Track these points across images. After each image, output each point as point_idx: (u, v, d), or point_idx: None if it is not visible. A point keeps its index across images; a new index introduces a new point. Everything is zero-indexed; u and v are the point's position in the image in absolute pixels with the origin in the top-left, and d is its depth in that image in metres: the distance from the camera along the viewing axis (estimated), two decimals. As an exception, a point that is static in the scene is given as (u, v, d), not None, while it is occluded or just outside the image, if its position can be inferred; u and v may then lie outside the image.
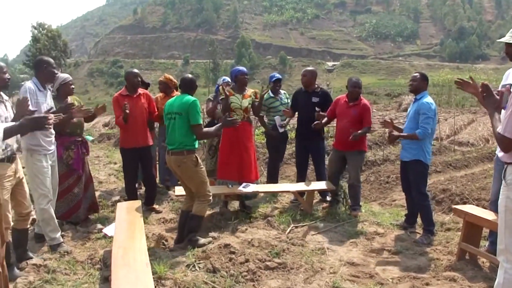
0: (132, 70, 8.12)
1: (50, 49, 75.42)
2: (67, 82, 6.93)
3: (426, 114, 6.60)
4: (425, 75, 7.07)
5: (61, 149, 6.91)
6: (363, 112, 7.83)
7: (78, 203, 7.26)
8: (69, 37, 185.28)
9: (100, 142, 21.67)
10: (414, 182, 6.90)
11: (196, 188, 6.38)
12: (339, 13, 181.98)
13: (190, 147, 6.22)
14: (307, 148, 8.69)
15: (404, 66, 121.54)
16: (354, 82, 7.98)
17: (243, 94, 7.86)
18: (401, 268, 5.72)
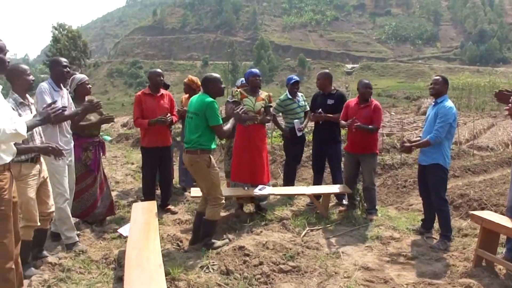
0: (156, 70, 8.18)
1: (70, 50, 76.08)
2: (83, 82, 7.00)
3: (444, 118, 6.49)
4: (446, 79, 6.97)
5: (79, 150, 6.97)
6: (374, 113, 7.86)
7: (95, 203, 7.30)
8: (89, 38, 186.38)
9: (118, 142, 21.76)
10: (433, 187, 6.80)
11: (207, 189, 6.37)
12: (358, 15, 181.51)
13: (204, 147, 6.19)
14: (323, 151, 8.66)
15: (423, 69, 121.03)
16: (365, 83, 8.02)
17: (256, 96, 7.86)
18: (416, 274, 5.64)
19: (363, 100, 7.93)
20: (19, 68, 5.28)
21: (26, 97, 5.27)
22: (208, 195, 6.39)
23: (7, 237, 4.12)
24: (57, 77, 6.25)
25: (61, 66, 6.24)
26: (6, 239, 4.12)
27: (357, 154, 7.98)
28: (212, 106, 6.12)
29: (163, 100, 8.06)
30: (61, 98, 6.23)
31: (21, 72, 5.25)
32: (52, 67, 6.30)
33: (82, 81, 7.01)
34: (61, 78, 6.30)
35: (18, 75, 5.21)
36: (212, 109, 6.11)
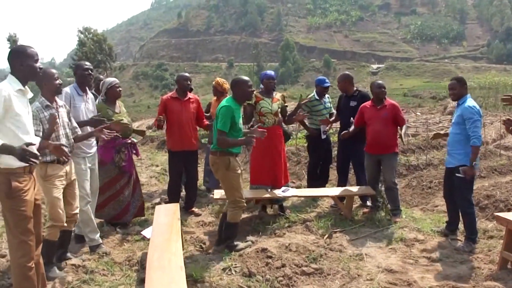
0: (184, 74, 8.27)
1: (96, 53, 76.88)
2: (113, 85, 7.09)
3: (471, 120, 6.39)
4: (462, 80, 6.88)
5: (112, 151, 7.05)
6: (395, 112, 7.82)
7: (127, 206, 7.39)
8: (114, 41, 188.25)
9: (143, 145, 21.87)
10: (459, 188, 6.68)
11: (226, 192, 6.40)
12: (383, 15, 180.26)
13: (223, 149, 6.20)
14: (348, 152, 8.61)
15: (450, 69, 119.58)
16: (379, 84, 8.02)
17: (272, 98, 7.85)
18: (440, 277, 5.56)
19: (379, 101, 7.88)
20: (47, 72, 5.36)
21: (54, 100, 5.35)
22: (227, 197, 6.42)
23: (28, 236, 4.24)
24: (80, 81, 6.34)
25: (83, 70, 6.32)
26: (27, 238, 4.23)
27: (377, 155, 7.93)
28: (224, 110, 6.11)
29: (190, 105, 8.09)
30: (85, 103, 6.32)
31: (49, 76, 5.35)
32: (76, 72, 6.41)
33: (112, 84, 7.11)
34: (84, 82, 6.38)
35: (46, 79, 5.29)
36: (223, 112, 6.10)
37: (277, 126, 7.83)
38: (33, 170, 4.35)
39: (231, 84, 6.50)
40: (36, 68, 4.37)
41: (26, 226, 4.23)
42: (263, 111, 7.69)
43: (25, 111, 4.32)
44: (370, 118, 7.89)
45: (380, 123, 7.71)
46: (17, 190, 4.15)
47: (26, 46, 4.46)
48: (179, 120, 7.88)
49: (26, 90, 4.36)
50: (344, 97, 8.74)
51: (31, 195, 4.28)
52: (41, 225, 4.64)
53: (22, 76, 4.31)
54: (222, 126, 6.07)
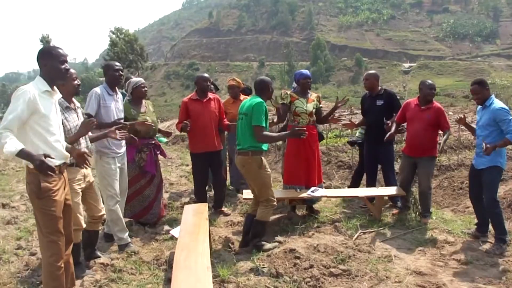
0: (202, 75, 8.19)
1: (127, 53, 77.48)
2: (139, 85, 7.14)
3: (506, 119, 6.31)
4: (482, 82, 6.79)
5: (133, 151, 7.07)
6: (439, 116, 7.58)
7: (150, 205, 7.42)
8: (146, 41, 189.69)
9: (174, 144, 22.02)
10: (487, 188, 6.62)
11: (259, 191, 6.37)
12: (415, 13, 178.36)
13: (256, 148, 6.20)
14: (376, 152, 8.47)
15: (483, 67, 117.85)
16: (430, 84, 7.77)
17: (307, 98, 7.80)
18: (470, 280, 5.47)
19: (425, 102, 7.70)
20: None
21: (72, 101, 5.35)
22: (260, 196, 6.40)
23: (57, 236, 4.28)
24: (110, 81, 6.39)
25: (114, 70, 6.37)
26: (57, 238, 4.28)
27: (414, 157, 7.79)
28: (260, 106, 6.15)
29: (211, 105, 8.04)
30: (115, 102, 6.37)
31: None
32: (106, 72, 6.46)
33: (137, 84, 7.16)
34: (114, 82, 6.43)
35: None
36: (259, 108, 6.12)
37: (311, 126, 7.79)
38: (63, 171, 4.42)
39: (256, 83, 6.58)
40: (61, 70, 4.38)
41: (55, 226, 4.27)
42: (298, 111, 7.65)
43: (53, 112, 4.36)
44: (412, 117, 7.75)
45: (421, 124, 7.56)
46: (46, 190, 4.19)
47: (53, 46, 4.48)
48: (200, 122, 7.83)
49: (53, 92, 4.40)
50: (368, 97, 8.59)
51: (60, 195, 4.32)
52: (71, 226, 4.68)
53: (48, 77, 4.35)
54: (261, 121, 6.11)
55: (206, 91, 8.06)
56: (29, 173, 4.22)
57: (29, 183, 4.25)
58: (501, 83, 72.72)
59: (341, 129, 20.02)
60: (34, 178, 4.18)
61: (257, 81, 6.60)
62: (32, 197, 4.26)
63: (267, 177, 6.33)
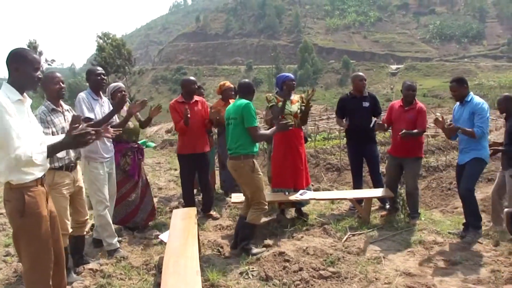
0: (189, 78, 8.21)
1: (115, 58, 77.09)
2: (116, 89, 7.17)
3: (482, 115, 6.58)
4: (460, 80, 6.97)
5: (118, 156, 7.08)
6: (418, 115, 7.69)
7: (136, 209, 7.41)
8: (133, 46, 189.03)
9: (162, 149, 21.99)
10: (465, 178, 6.81)
11: (251, 194, 6.38)
12: (402, 15, 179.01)
13: (247, 152, 6.21)
14: (360, 153, 8.53)
15: (470, 68, 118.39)
16: (409, 85, 7.87)
17: (291, 99, 7.82)
18: (460, 280, 5.49)
19: (407, 103, 7.81)
20: (47, 76, 5.34)
21: (59, 104, 5.32)
22: (252, 199, 6.41)
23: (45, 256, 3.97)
24: (93, 86, 6.38)
25: (95, 75, 6.36)
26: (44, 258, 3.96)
27: (400, 158, 7.86)
28: (248, 107, 6.19)
29: (197, 107, 8.09)
30: (100, 106, 6.35)
31: (49, 80, 5.30)
32: (88, 77, 6.47)
33: (115, 89, 7.20)
34: (97, 87, 6.41)
35: (46, 83, 5.27)
36: (247, 110, 6.17)
37: (297, 129, 7.82)
38: (44, 182, 4.09)
39: (240, 86, 6.63)
40: (34, 78, 4.00)
41: (44, 247, 3.95)
42: (284, 112, 7.67)
43: (27, 121, 3.96)
44: (396, 118, 7.87)
45: (404, 125, 7.60)
46: (31, 206, 3.86)
47: (28, 50, 4.07)
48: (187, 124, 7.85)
49: (24, 99, 3.99)
50: (352, 99, 8.53)
51: (45, 209, 4.00)
52: (60, 241, 4.35)
53: (18, 84, 3.94)
54: (254, 122, 6.18)
55: (193, 94, 8.09)
56: (10, 190, 3.87)
57: (9, 200, 3.88)
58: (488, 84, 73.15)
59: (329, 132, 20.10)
60: (16, 195, 3.84)
61: (242, 84, 6.62)
62: (14, 216, 3.88)
63: (260, 180, 6.35)
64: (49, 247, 4.00)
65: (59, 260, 4.24)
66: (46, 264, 3.98)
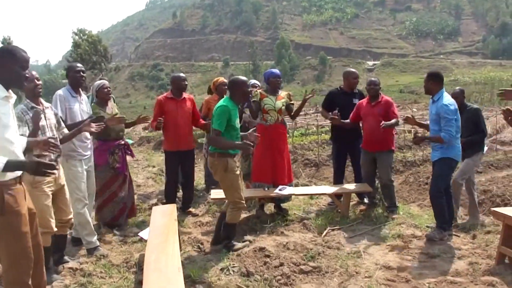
0: (180, 75, 8.27)
1: (91, 54, 76.58)
2: (101, 87, 7.13)
3: (447, 118, 6.48)
4: (431, 75, 6.96)
5: (106, 154, 7.07)
6: (387, 108, 7.81)
7: (124, 207, 7.40)
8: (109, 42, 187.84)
9: (139, 146, 21.87)
10: (434, 178, 6.88)
11: (225, 193, 6.38)
12: (378, 11, 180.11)
13: (221, 151, 6.17)
14: (346, 150, 8.58)
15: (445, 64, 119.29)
16: (370, 80, 8.14)
17: (277, 95, 7.83)
18: (438, 272, 5.57)
19: (372, 98, 7.95)
20: None
21: (39, 102, 5.27)
22: (227, 198, 6.41)
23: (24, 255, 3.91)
24: (73, 83, 6.32)
25: (75, 72, 6.29)
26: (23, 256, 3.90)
27: (373, 152, 7.96)
28: (220, 110, 6.08)
29: (186, 104, 8.08)
30: (79, 104, 6.30)
31: None
32: (67, 74, 6.40)
33: (99, 86, 7.14)
34: (77, 83, 6.35)
35: None
36: (218, 112, 6.07)
37: (280, 125, 7.84)
38: (22, 180, 4.02)
39: (229, 84, 6.50)
40: (21, 76, 3.93)
41: (24, 246, 3.89)
42: (267, 108, 7.70)
43: (12, 119, 3.93)
44: (365, 114, 7.96)
45: (374, 120, 7.71)
46: (10, 204, 3.78)
47: (17, 47, 4.01)
48: (175, 120, 7.88)
49: (10, 95, 3.93)
50: (342, 94, 8.61)
51: (24, 207, 3.96)
52: (39, 236, 4.28)
53: (4, 81, 3.86)
54: (218, 125, 6.02)
55: (182, 91, 8.10)
56: None
57: None
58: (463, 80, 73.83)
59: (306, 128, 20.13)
60: None
61: (229, 80, 6.62)
62: None
63: (234, 180, 6.26)
64: (29, 245, 3.94)
65: (38, 259, 4.17)
66: (25, 263, 3.93)
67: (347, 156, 8.76)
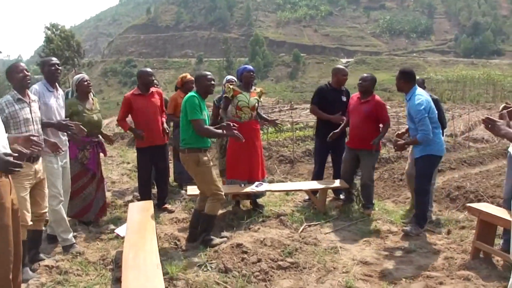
0: (147, 70, 8.15)
1: (63, 50, 75.75)
2: (80, 80, 7.08)
3: (418, 117, 6.49)
4: (404, 72, 6.93)
5: (76, 148, 6.96)
6: (378, 109, 7.75)
7: (90, 203, 7.32)
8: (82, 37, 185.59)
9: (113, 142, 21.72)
10: (417, 176, 6.88)
11: (199, 187, 6.42)
12: (352, 9, 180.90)
13: (191, 146, 6.18)
14: (330, 145, 8.51)
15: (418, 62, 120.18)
16: (361, 76, 8.10)
17: (250, 92, 7.83)
18: (415, 267, 5.66)
19: (363, 95, 7.86)
20: (11, 66, 5.35)
21: (26, 94, 5.27)
22: (203, 192, 6.42)
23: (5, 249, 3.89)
24: (48, 77, 6.23)
25: (50, 66, 6.20)
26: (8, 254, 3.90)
27: (356, 150, 7.94)
28: (191, 100, 6.13)
29: (154, 99, 8.04)
30: (56, 99, 6.23)
31: (12, 69, 5.30)
32: (42, 68, 6.31)
33: (79, 80, 7.10)
34: (52, 78, 6.26)
35: (11, 73, 5.27)
36: (190, 103, 6.11)
37: (254, 121, 7.83)
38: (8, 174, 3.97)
39: (194, 79, 6.55)
40: None
41: (6, 239, 3.87)
42: (240, 105, 7.65)
43: None
44: (352, 110, 7.94)
45: (359, 117, 7.72)
46: None
47: None
48: (145, 116, 7.83)
49: None
50: (331, 90, 8.58)
51: (9, 201, 3.95)
52: (19, 232, 4.25)
53: None
54: (196, 115, 6.07)
55: (150, 86, 8.03)
56: None
57: None
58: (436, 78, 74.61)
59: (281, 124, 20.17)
60: None
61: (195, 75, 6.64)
62: None
63: (207, 173, 6.28)
64: (10, 239, 3.92)
65: (17, 255, 4.13)
66: (6, 257, 3.90)
67: (329, 152, 8.77)
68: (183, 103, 6.23)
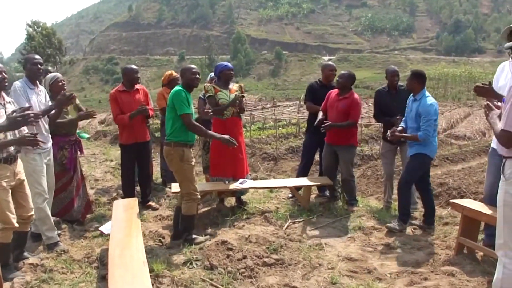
0: (132, 67, 8.14)
1: (45, 47, 75.40)
2: (55, 80, 6.99)
3: (427, 118, 6.56)
4: (418, 74, 6.95)
5: (55, 148, 6.90)
6: (351, 106, 7.78)
7: (72, 202, 7.25)
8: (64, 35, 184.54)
9: (96, 140, 21.60)
10: (406, 170, 7.00)
11: (180, 184, 6.39)
12: (334, 7, 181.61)
13: (178, 140, 6.17)
14: (319, 142, 8.52)
15: (400, 60, 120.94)
16: (340, 73, 8.04)
17: (229, 89, 7.81)
18: (399, 263, 5.70)
19: (341, 91, 7.87)
20: None
21: (1, 95, 5.18)
22: (181, 189, 6.41)
23: None
24: (30, 75, 6.18)
25: (32, 64, 6.15)
26: None
27: (334, 145, 7.97)
28: (178, 94, 6.13)
29: (139, 95, 8.03)
30: (37, 96, 6.18)
31: None
32: (24, 65, 6.26)
33: (53, 79, 7.00)
34: (34, 76, 6.21)
35: None
36: (178, 97, 6.11)
37: (235, 118, 7.81)
38: None
39: (180, 73, 6.58)
40: None
41: None
42: (222, 102, 7.64)
43: None
44: (330, 106, 7.94)
45: (335, 113, 7.76)
46: None
47: None
48: (129, 112, 7.79)
49: None
50: (322, 87, 8.57)
51: None
52: None
53: None
54: (185, 109, 6.09)
55: (135, 83, 8.02)
56: None
57: None
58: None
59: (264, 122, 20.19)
60: None
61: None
62: None
63: (188, 170, 6.27)
64: None
65: None
66: None
67: (317, 149, 8.78)
68: (170, 97, 6.22)
